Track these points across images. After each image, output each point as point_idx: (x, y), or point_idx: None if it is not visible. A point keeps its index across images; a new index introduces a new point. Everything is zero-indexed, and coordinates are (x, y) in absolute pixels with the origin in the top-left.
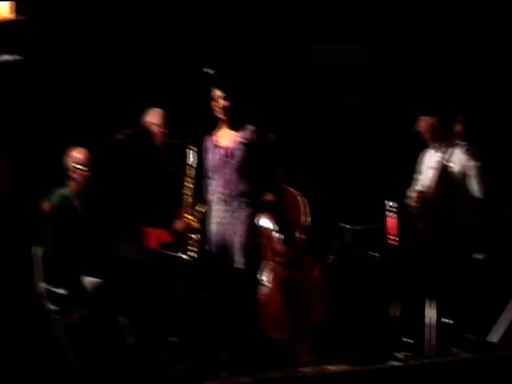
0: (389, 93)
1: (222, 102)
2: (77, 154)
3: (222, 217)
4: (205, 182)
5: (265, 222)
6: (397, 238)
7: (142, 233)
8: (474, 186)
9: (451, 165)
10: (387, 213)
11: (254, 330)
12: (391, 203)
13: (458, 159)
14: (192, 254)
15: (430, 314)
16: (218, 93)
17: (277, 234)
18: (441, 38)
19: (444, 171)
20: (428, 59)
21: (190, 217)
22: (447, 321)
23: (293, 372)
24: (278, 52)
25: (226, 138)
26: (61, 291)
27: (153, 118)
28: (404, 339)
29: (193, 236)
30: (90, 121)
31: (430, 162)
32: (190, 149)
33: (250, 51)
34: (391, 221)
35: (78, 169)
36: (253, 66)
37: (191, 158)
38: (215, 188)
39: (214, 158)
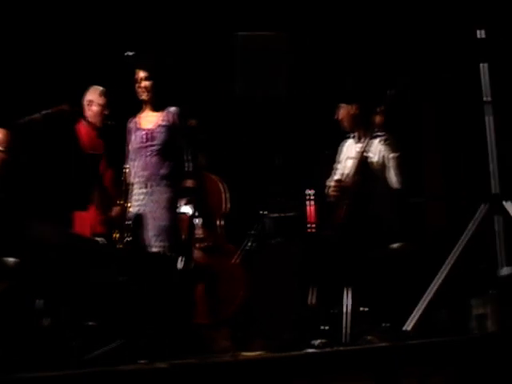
0: (309, 81)
1: (144, 83)
2: None
3: (141, 199)
4: (128, 164)
5: (185, 207)
6: (315, 226)
7: (71, 217)
8: (392, 177)
9: (370, 155)
10: (307, 201)
11: (173, 316)
12: (310, 192)
13: (377, 150)
14: (127, 239)
15: (347, 301)
16: (140, 73)
17: (196, 220)
18: (365, 26)
19: (363, 161)
20: (351, 47)
21: (127, 203)
22: (363, 309)
23: (209, 358)
24: (199, 37)
25: (148, 120)
26: None
27: (92, 95)
28: (321, 327)
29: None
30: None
31: (349, 152)
32: None
33: (172, 36)
34: (310, 209)
35: None
36: (175, 51)
37: None
38: (136, 170)
39: (135, 141)
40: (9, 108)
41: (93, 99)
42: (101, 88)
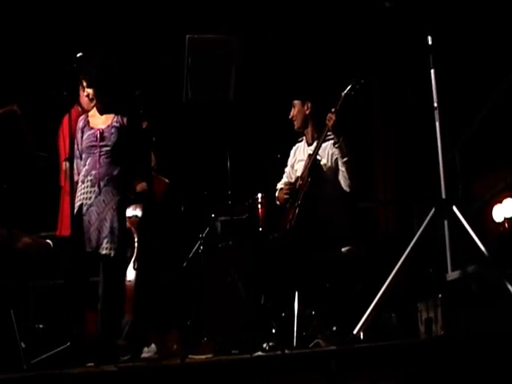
0: (260, 83)
1: (86, 90)
2: None
3: (89, 198)
4: (76, 162)
5: (133, 210)
6: (264, 229)
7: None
8: (344, 180)
9: (321, 158)
10: (257, 204)
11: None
12: (260, 195)
13: (329, 153)
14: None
15: (297, 304)
16: (83, 81)
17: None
18: (320, 26)
19: (313, 164)
20: (305, 47)
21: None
22: (313, 312)
23: (157, 361)
24: (150, 40)
25: (100, 119)
26: None
27: None
28: (272, 329)
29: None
30: None
31: (300, 155)
32: None
33: (123, 38)
34: (261, 212)
35: None
36: (125, 53)
37: None
38: (85, 170)
39: (86, 139)
40: None
41: None
42: None
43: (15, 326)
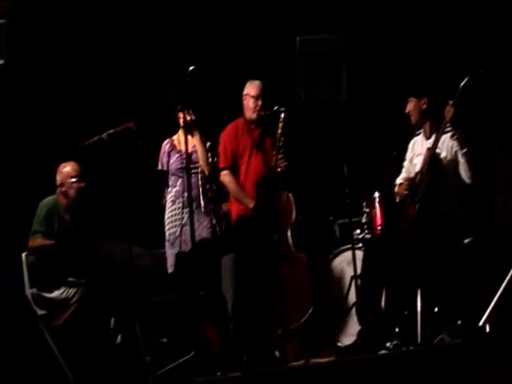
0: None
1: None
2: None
3: None
4: None
5: None
6: (382, 229)
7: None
8: (464, 173)
9: (440, 151)
10: (375, 204)
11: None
12: (378, 194)
13: (448, 146)
14: None
15: (420, 302)
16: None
17: None
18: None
19: (433, 158)
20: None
21: None
22: (436, 309)
23: (282, 366)
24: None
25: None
26: (48, 295)
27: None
28: (396, 329)
29: None
30: None
31: (418, 149)
32: None
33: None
34: (379, 211)
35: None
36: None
37: None
38: None
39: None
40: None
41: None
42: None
43: (141, 340)
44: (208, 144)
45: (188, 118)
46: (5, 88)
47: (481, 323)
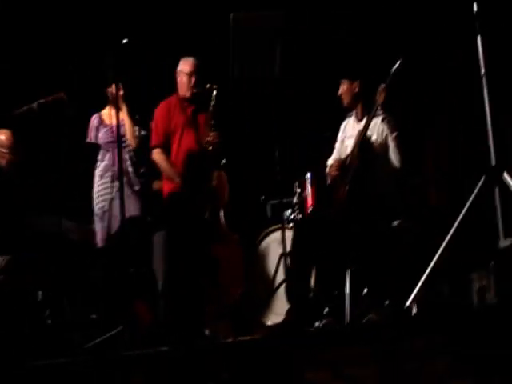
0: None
1: None
2: None
3: None
4: None
5: None
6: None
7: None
8: (393, 156)
9: (371, 134)
10: (307, 184)
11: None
12: (310, 174)
13: (379, 129)
14: None
15: (348, 283)
16: None
17: None
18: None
19: (363, 140)
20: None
21: None
22: (365, 289)
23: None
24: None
25: None
26: None
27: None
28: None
29: None
30: None
31: (349, 131)
32: None
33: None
34: (311, 191)
35: None
36: None
37: None
38: None
39: None
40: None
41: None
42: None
43: (69, 314)
44: (136, 117)
45: (118, 92)
46: None
47: (407, 304)
